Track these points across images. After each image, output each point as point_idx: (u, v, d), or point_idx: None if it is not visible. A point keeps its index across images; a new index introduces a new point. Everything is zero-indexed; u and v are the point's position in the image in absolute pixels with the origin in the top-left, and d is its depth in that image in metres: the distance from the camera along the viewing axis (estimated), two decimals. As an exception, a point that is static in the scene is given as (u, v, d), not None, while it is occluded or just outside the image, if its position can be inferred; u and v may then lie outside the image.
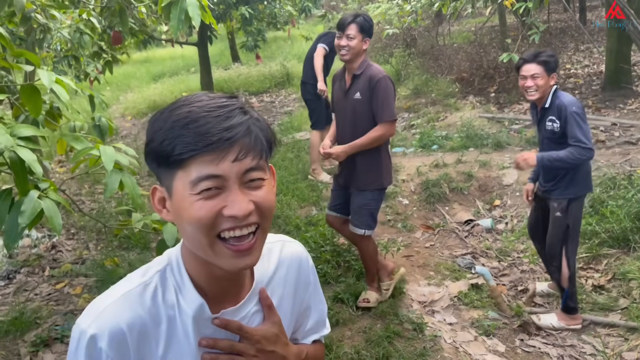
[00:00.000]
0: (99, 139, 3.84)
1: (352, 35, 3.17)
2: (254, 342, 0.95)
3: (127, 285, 0.91)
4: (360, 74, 3.19)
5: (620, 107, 7.42)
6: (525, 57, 3.15)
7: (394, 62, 11.66)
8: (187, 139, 0.79)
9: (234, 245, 0.84)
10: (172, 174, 0.83)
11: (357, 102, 3.19)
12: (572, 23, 14.61)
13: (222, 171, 0.80)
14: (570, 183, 3.16)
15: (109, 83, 14.58)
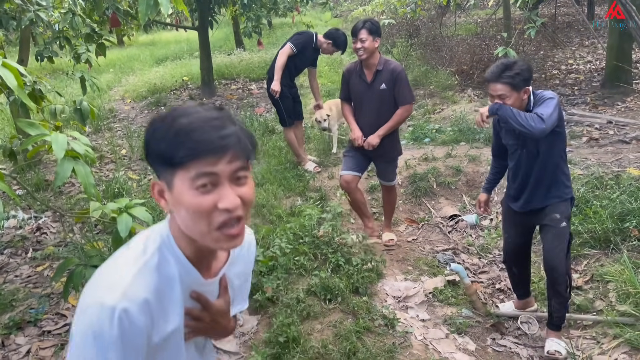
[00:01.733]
0: (80, 123, 3.84)
1: (364, 38, 3.91)
2: (212, 313, 1.19)
3: (136, 261, 1.06)
4: (382, 69, 3.96)
5: (618, 105, 7.33)
6: (487, 76, 2.84)
7: (396, 52, 11.56)
8: (190, 145, 0.98)
9: (230, 232, 1.03)
10: (173, 172, 1.01)
11: (383, 91, 3.97)
12: (580, 17, 14.41)
13: (218, 170, 0.99)
14: (562, 182, 2.95)
15: (112, 65, 14.58)
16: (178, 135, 0.98)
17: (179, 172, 1.00)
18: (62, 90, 10.74)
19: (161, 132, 1.01)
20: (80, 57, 5.75)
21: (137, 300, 1.00)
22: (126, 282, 1.01)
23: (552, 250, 2.92)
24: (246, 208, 1.05)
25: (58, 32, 5.63)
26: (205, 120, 1.00)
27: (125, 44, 19.81)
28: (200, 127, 0.99)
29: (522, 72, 2.74)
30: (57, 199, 5.62)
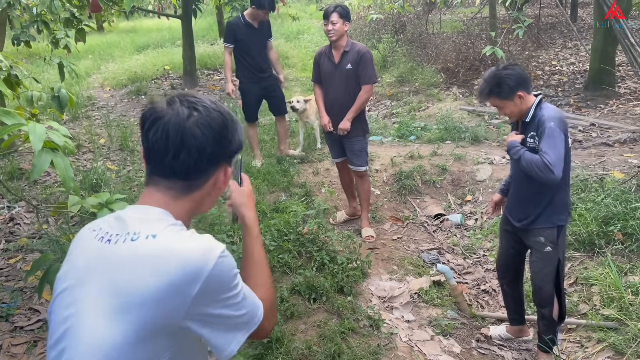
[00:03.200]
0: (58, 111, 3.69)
1: (335, 21, 4.16)
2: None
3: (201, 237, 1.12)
4: (349, 50, 4.22)
5: (601, 108, 7.39)
6: (478, 95, 2.85)
7: (381, 47, 11.50)
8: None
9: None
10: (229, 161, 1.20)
11: (349, 71, 4.21)
12: (563, 19, 14.53)
13: None
14: (556, 208, 2.79)
15: (91, 52, 14.25)
16: (237, 132, 1.17)
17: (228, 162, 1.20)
18: (38, 76, 10.43)
19: (240, 128, 1.18)
20: (58, 42, 5.56)
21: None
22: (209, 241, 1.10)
23: (537, 273, 2.87)
24: None
25: (36, 16, 5.43)
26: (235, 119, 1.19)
27: (105, 30, 19.39)
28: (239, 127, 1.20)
29: (507, 79, 2.65)
30: (32, 188, 5.44)
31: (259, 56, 5.54)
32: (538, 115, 2.68)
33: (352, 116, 4.24)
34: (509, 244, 3.10)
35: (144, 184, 1.17)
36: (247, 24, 5.43)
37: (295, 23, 14.99)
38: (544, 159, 2.56)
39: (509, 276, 3.16)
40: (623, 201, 4.05)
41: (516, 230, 2.98)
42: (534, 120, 2.70)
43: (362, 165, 4.42)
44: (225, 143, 1.14)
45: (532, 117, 2.71)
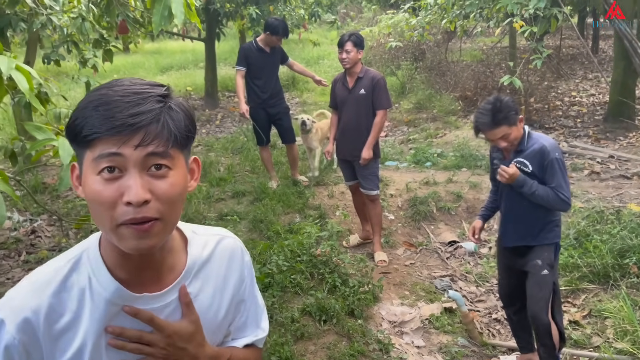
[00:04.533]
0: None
1: (349, 50, 4.28)
2: (165, 335, 0.96)
3: (37, 274, 0.94)
4: (363, 76, 4.33)
5: (620, 140, 7.35)
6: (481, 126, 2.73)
7: (400, 74, 11.62)
8: (94, 121, 0.83)
9: (134, 227, 0.85)
10: (82, 153, 0.87)
11: (362, 96, 4.31)
12: (584, 50, 14.55)
13: (125, 153, 0.83)
14: (552, 224, 2.84)
15: (116, 71, 14.62)
16: (87, 109, 0.84)
17: (86, 153, 0.85)
18: (65, 93, 10.73)
19: (79, 103, 0.87)
20: (86, 62, 5.76)
21: (15, 314, 0.89)
22: (11, 295, 0.92)
23: (533, 298, 2.83)
24: (163, 208, 0.87)
25: (66, 36, 5.63)
26: (124, 94, 0.85)
27: (130, 50, 19.88)
28: (112, 101, 0.84)
29: (510, 106, 2.69)
30: (54, 202, 5.58)
31: (268, 82, 5.62)
32: (534, 146, 2.74)
33: (372, 143, 4.31)
34: (510, 275, 3.08)
35: None
36: (259, 49, 5.54)
37: (316, 48, 15.24)
38: (559, 195, 2.69)
39: (514, 305, 3.12)
40: (639, 234, 4.02)
41: (512, 256, 2.99)
42: (529, 149, 2.75)
43: (373, 189, 4.48)
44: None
45: (527, 147, 2.76)
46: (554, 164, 2.69)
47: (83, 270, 0.95)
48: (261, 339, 1.18)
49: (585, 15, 17.07)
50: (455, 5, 7.29)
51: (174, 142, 0.87)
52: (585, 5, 13.37)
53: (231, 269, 1.11)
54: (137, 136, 0.83)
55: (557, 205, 2.73)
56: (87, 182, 0.86)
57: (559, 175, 2.70)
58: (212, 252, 1.08)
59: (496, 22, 9.90)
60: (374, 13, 17.84)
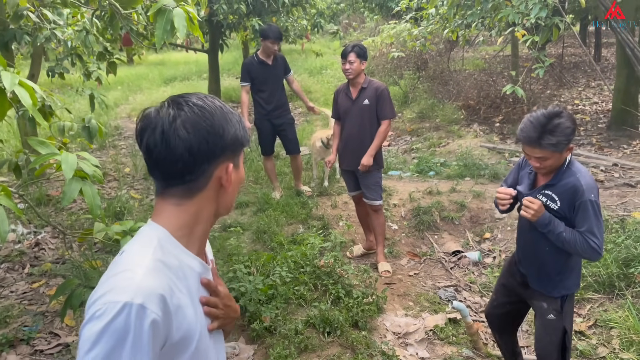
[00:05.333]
0: (88, 141, 3.84)
1: (352, 61, 4.29)
2: (221, 298, 1.21)
3: (144, 261, 1.03)
4: (367, 86, 4.35)
5: (624, 148, 7.34)
6: (523, 138, 2.32)
7: (403, 84, 11.64)
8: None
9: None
10: (240, 153, 1.17)
11: (365, 106, 4.34)
12: (587, 59, 14.56)
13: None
14: (566, 274, 2.50)
15: (120, 83, 14.71)
16: (241, 124, 1.15)
17: (240, 153, 1.17)
18: (69, 106, 10.76)
19: (236, 119, 1.14)
20: (90, 74, 5.79)
21: (155, 295, 0.98)
22: (138, 280, 0.98)
23: (540, 341, 2.63)
24: None
25: (70, 49, 5.68)
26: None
27: (134, 62, 20.03)
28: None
29: (567, 133, 2.24)
30: (58, 214, 5.59)
31: (273, 93, 5.65)
32: (570, 181, 2.35)
33: (374, 152, 4.32)
34: (508, 300, 2.86)
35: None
36: (260, 61, 5.56)
37: (318, 59, 15.31)
38: (589, 242, 2.31)
39: (502, 331, 2.97)
40: (644, 243, 4.00)
41: (520, 284, 2.74)
42: (562, 182, 2.38)
43: (376, 199, 4.48)
44: (215, 138, 1.08)
45: (561, 179, 2.38)
46: (588, 207, 2.30)
47: (171, 251, 1.09)
48: None
49: (587, 24, 17.11)
50: (457, 15, 7.32)
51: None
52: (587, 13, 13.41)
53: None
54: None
55: (585, 253, 2.34)
56: (242, 171, 1.21)
57: (592, 220, 2.30)
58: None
59: (498, 31, 9.92)
60: (376, 23, 17.91)
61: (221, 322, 1.22)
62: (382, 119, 4.34)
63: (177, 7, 2.59)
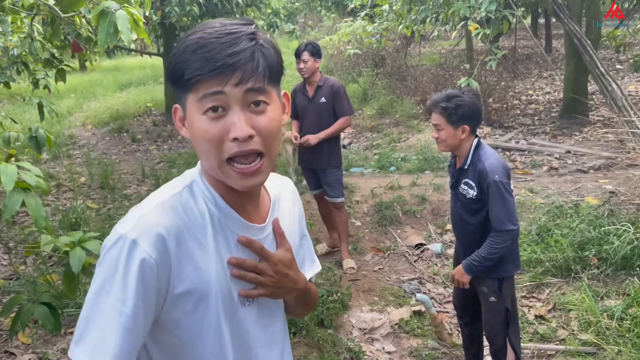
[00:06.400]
0: (36, 151, 3.71)
1: (306, 59, 4.29)
2: (272, 263, 1.04)
3: (159, 197, 0.98)
4: (322, 84, 4.35)
5: (576, 135, 7.56)
6: (428, 103, 2.63)
7: (362, 81, 11.71)
8: (195, 64, 0.89)
9: (240, 168, 0.93)
10: (185, 95, 0.94)
11: (323, 104, 4.34)
12: (538, 50, 14.95)
13: (226, 91, 0.89)
14: (502, 258, 2.59)
15: (73, 90, 14.31)
16: (185, 53, 0.91)
17: (189, 96, 0.93)
18: (19, 116, 10.45)
19: (175, 49, 0.94)
20: (38, 82, 5.60)
21: (149, 232, 0.92)
22: (139, 216, 0.94)
23: (487, 323, 2.75)
24: (266, 141, 0.94)
25: (16, 57, 5.48)
26: (218, 35, 0.90)
27: (87, 69, 19.52)
28: (209, 44, 0.89)
29: (461, 107, 2.48)
30: (10, 229, 5.38)
31: None
32: (477, 163, 2.51)
33: (324, 136, 4.30)
34: (463, 289, 2.87)
35: None
36: None
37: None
38: (501, 230, 2.46)
39: (466, 317, 3.01)
40: (597, 226, 4.12)
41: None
42: (473, 168, 2.53)
43: (338, 196, 4.48)
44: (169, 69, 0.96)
45: (470, 164, 2.54)
46: (493, 188, 2.44)
47: (198, 196, 1.00)
48: (317, 273, 1.30)
49: (538, 16, 17.59)
50: (413, 11, 7.39)
51: (269, 78, 0.93)
52: (537, 6, 13.77)
53: (295, 205, 1.22)
54: (236, 74, 0.89)
55: (506, 243, 2.48)
56: (194, 122, 0.93)
57: (498, 202, 2.45)
58: (280, 188, 1.19)
59: (452, 25, 10.08)
60: (333, 21, 17.97)
61: (268, 291, 1.05)
62: (340, 116, 4.35)
63: (120, 9, 2.52)
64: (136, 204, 0.99)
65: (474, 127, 2.56)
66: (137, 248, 0.90)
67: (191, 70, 0.89)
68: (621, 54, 12.84)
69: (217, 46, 0.89)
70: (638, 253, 3.79)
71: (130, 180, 6.99)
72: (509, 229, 2.46)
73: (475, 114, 2.54)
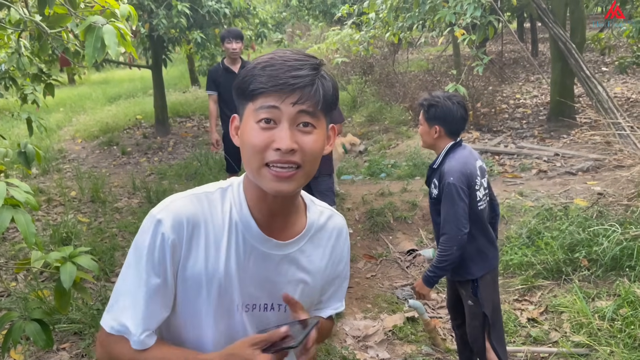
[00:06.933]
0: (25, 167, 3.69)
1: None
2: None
3: (195, 190, 1.14)
4: None
5: (564, 138, 7.64)
6: (418, 103, 2.72)
7: (350, 89, 11.76)
8: (261, 79, 1.01)
9: (276, 171, 1.01)
10: (245, 104, 1.05)
11: None
12: (525, 54, 15.10)
13: (281, 107, 1.00)
14: (465, 261, 2.61)
15: (62, 104, 14.26)
16: (255, 69, 1.02)
17: (248, 105, 1.04)
18: (8, 131, 10.40)
19: (249, 65, 1.06)
20: (26, 97, 5.58)
21: (172, 217, 1.06)
22: (170, 201, 1.10)
23: (468, 325, 2.80)
24: (306, 159, 1.03)
25: (4, 73, 5.46)
26: (286, 59, 1.02)
27: (76, 82, 19.44)
28: (277, 64, 1.01)
29: (433, 107, 2.56)
30: (0, 245, 5.35)
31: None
32: (443, 165, 2.56)
33: None
34: (452, 293, 2.99)
35: None
36: (225, 68, 5.17)
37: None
38: (444, 234, 2.50)
39: (458, 318, 3.01)
40: (586, 228, 4.17)
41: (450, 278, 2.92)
42: (440, 168, 2.58)
43: (330, 204, 4.45)
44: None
45: (440, 164, 2.60)
46: (446, 189, 2.49)
47: (227, 199, 1.13)
48: (339, 312, 1.35)
49: (524, 20, 17.76)
50: (400, 18, 7.45)
51: (322, 105, 1.04)
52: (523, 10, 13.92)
53: (338, 244, 1.26)
54: (294, 95, 1.00)
55: (450, 248, 2.49)
56: (246, 128, 1.04)
57: (448, 204, 2.49)
58: (326, 222, 1.24)
59: (439, 32, 10.16)
60: (321, 30, 18.06)
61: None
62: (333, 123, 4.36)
63: (107, 24, 2.53)
64: (127, 217, 1.09)
65: (448, 130, 2.59)
66: (161, 226, 1.06)
67: (256, 83, 1.01)
68: (606, 56, 13.03)
69: (284, 67, 1.00)
70: (627, 253, 3.83)
71: (121, 193, 6.97)
72: (453, 233, 2.48)
73: (448, 117, 2.56)
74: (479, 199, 2.60)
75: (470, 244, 2.58)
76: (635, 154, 4.91)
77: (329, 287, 1.28)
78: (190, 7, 8.08)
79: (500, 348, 2.77)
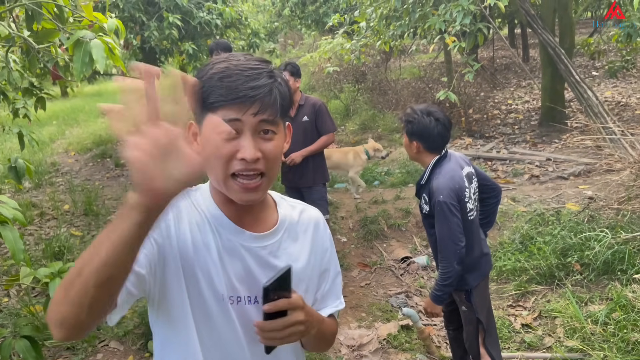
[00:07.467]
0: (15, 181, 3.68)
1: (286, 79, 3.94)
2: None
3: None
4: (304, 103, 4.36)
5: (555, 142, 7.68)
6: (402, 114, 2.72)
7: (343, 97, 11.80)
8: (220, 91, 1.01)
9: (242, 183, 1.04)
10: (204, 115, 1.05)
11: (305, 123, 4.33)
12: (516, 60, 15.20)
13: (243, 119, 1.01)
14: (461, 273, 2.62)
15: (55, 117, 14.25)
16: (212, 79, 1.02)
17: (208, 116, 1.04)
18: (0, 145, 10.37)
19: (201, 73, 1.06)
20: (18, 111, 5.57)
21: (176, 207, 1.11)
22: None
23: (465, 331, 2.82)
24: (269, 164, 1.06)
25: (-5, 88, 5.45)
26: (242, 69, 1.03)
27: (69, 95, 19.44)
28: (234, 74, 1.02)
29: (410, 123, 2.56)
30: (-8, 260, 5.31)
31: None
32: (432, 181, 2.53)
33: (307, 154, 4.31)
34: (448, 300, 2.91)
35: None
36: None
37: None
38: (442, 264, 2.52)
39: (454, 324, 3.03)
40: (578, 232, 4.18)
41: None
42: (428, 185, 2.57)
43: (323, 214, 4.45)
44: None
45: (427, 179, 2.58)
46: (437, 207, 2.47)
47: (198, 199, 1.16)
48: (339, 310, 1.32)
49: (514, 26, 17.89)
50: (392, 26, 7.49)
51: (281, 112, 1.06)
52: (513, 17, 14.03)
53: (317, 236, 1.27)
54: (254, 106, 1.02)
55: (448, 269, 2.51)
56: (209, 140, 1.04)
57: (440, 222, 2.47)
58: (299, 215, 1.26)
59: (430, 39, 10.22)
60: (314, 39, 18.14)
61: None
62: (324, 133, 4.38)
63: (95, 38, 2.54)
64: None
65: (426, 147, 2.57)
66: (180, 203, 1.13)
67: (216, 96, 1.01)
68: (596, 61, 13.13)
69: (241, 78, 1.01)
70: (619, 257, 3.85)
71: (114, 206, 6.94)
72: (451, 249, 2.47)
73: (424, 134, 2.54)
74: (469, 209, 2.60)
75: (466, 257, 2.57)
76: (625, 158, 4.95)
77: (321, 282, 1.27)
78: (182, 18, 8.12)
79: (496, 353, 2.79)
